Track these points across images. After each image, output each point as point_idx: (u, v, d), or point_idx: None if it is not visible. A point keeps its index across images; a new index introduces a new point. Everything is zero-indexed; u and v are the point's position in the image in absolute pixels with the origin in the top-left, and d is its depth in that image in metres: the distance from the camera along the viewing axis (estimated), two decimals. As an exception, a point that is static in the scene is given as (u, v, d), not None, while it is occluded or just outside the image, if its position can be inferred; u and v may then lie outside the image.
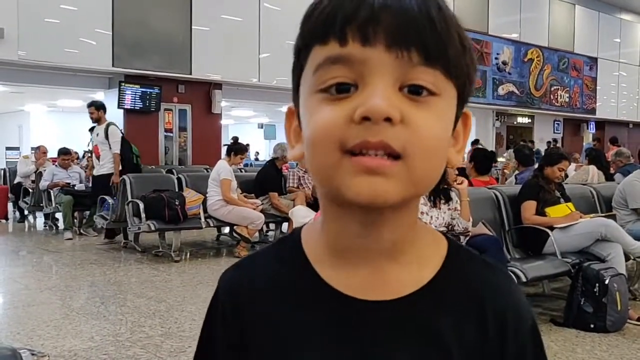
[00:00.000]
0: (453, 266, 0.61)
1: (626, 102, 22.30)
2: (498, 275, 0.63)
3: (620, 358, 3.56)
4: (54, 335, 3.84)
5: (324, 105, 0.53)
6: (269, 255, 0.65)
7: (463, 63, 0.55)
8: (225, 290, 0.64)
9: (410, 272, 0.59)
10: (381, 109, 0.50)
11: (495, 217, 4.69)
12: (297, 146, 0.60)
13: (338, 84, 0.52)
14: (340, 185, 0.52)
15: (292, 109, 0.61)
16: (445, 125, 0.55)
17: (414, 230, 0.60)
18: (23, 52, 9.82)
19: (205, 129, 12.62)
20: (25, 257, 7.04)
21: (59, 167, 8.48)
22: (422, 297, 0.58)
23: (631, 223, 5.15)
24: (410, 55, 0.51)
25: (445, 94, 0.54)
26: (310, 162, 0.55)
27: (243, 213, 6.62)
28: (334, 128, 0.51)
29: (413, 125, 0.51)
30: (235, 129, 22.18)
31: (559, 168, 4.72)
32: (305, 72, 0.56)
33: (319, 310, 0.59)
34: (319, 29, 0.53)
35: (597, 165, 7.16)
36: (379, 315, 0.57)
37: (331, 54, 0.52)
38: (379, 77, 0.51)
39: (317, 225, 0.62)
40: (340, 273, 0.59)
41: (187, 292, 5.06)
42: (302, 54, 0.56)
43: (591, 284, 4.04)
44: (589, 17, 20.29)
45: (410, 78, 0.52)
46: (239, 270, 0.66)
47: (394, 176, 0.51)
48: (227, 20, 12.16)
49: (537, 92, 19.04)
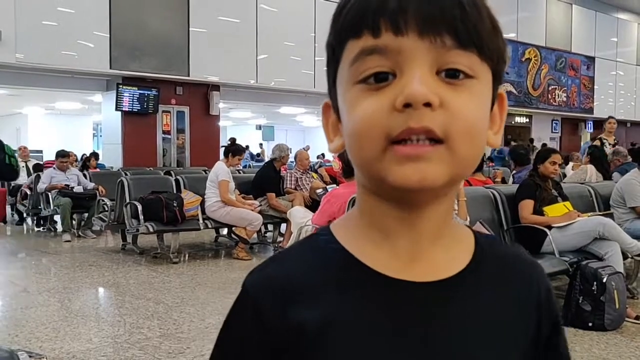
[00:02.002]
0: (484, 247, 0.63)
1: (624, 101, 22.35)
2: (523, 252, 0.67)
3: (618, 356, 3.57)
4: (52, 337, 3.84)
5: (365, 96, 0.54)
6: (303, 251, 0.63)
7: (496, 43, 0.56)
8: (261, 289, 0.59)
9: (452, 254, 0.60)
10: (420, 94, 0.51)
11: (493, 217, 4.69)
12: (336, 139, 0.61)
13: (376, 73, 0.53)
14: (387, 174, 0.53)
15: (328, 103, 0.62)
16: (484, 106, 0.56)
17: (451, 218, 0.61)
18: (21, 54, 9.83)
19: (203, 131, 12.63)
20: (24, 260, 7.04)
21: (57, 170, 8.47)
22: (469, 275, 0.60)
23: (629, 221, 5.16)
24: (443, 40, 0.52)
25: (481, 76, 0.55)
26: (355, 153, 0.55)
27: (241, 214, 6.62)
28: (378, 118, 0.52)
29: (453, 108, 0.52)
30: (234, 131, 22.16)
31: (551, 162, 4.72)
32: (342, 66, 0.56)
33: (371, 297, 0.58)
34: (352, 24, 0.54)
35: (598, 167, 7.15)
36: (432, 296, 0.58)
37: (366, 46, 0.53)
38: (415, 64, 0.52)
39: (351, 217, 0.62)
40: (383, 258, 0.58)
41: (185, 293, 5.06)
42: (336, 50, 0.57)
43: (589, 282, 4.05)
44: (586, 17, 20.34)
45: (446, 62, 0.53)
46: (274, 267, 0.61)
47: (438, 159, 0.52)
48: (225, 22, 12.17)
49: (534, 92, 19.07)
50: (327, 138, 0.62)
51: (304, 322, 0.56)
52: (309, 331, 0.56)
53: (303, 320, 0.57)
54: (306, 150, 9.48)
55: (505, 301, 0.61)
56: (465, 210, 4.04)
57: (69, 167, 8.58)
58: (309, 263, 0.60)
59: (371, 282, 0.58)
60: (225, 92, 12.89)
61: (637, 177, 5.30)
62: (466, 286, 0.60)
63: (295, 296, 0.58)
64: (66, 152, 8.69)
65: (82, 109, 17.58)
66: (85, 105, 16.59)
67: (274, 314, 0.57)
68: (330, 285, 0.58)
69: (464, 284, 0.59)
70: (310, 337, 0.56)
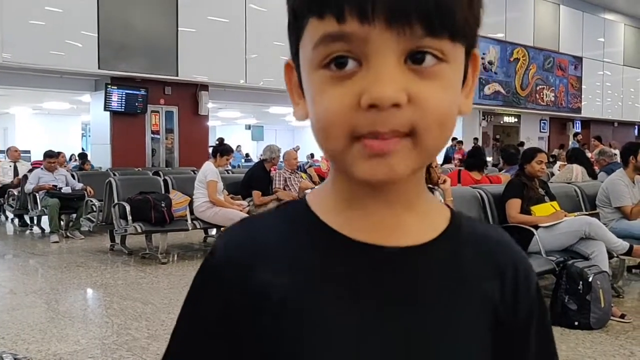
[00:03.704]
0: (460, 220, 0.62)
1: (611, 101, 22.54)
2: (500, 230, 0.66)
3: (603, 354, 3.60)
4: (39, 339, 3.82)
5: (329, 85, 0.51)
6: (275, 217, 0.61)
7: (471, 19, 0.52)
8: (228, 253, 0.58)
9: (425, 221, 0.59)
10: (387, 96, 0.49)
11: (480, 216, 4.71)
12: (302, 103, 0.58)
13: (338, 57, 0.50)
14: (352, 167, 0.52)
15: (290, 63, 0.59)
16: (455, 91, 0.54)
17: (423, 191, 0.60)
18: (8, 54, 9.76)
19: (192, 131, 12.60)
20: (11, 261, 6.99)
21: (45, 170, 8.41)
22: (442, 244, 0.59)
23: (614, 221, 5.21)
24: (412, 30, 0.49)
25: (453, 59, 0.52)
26: (321, 143, 0.54)
27: (229, 215, 6.60)
28: (342, 115, 0.50)
29: (421, 102, 0.50)
30: (223, 131, 22.13)
31: (537, 161, 4.76)
32: (304, 41, 0.53)
33: (338, 260, 0.56)
34: (314, 2, 0.51)
35: (579, 163, 7.25)
36: (402, 260, 0.57)
37: (329, 32, 0.50)
38: (381, 56, 0.49)
39: (324, 188, 0.61)
40: (356, 224, 0.57)
41: (174, 294, 5.05)
42: (298, 18, 0.53)
43: (575, 281, 4.08)
44: (573, 17, 20.49)
45: (415, 48, 0.50)
46: (244, 228, 0.61)
47: (404, 153, 0.51)
48: (214, 22, 12.14)
49: (523, 92, 19.18)
50: (292, 101, 0.59)
51: (271, 285, 0.55)
52: (276, 295, 0.55)
53: (268, 283, 0.55)
54: (296, 150, 9.47)
55: (473, 273, 0.59)
56: (452, 210, 4.06)
57: (57, 167, 8.53)
58: (280, 228, 0.59)
59: (339, 245, 0.57)
60: (214, 92, 12.86)
61: (622, 177, 5.34)
62: (436, 253, 0.58)
63: (261, 260, 0.56)
64: (54, 153, 8.63)
65: (70, 109, 17.49)
66: (73, 105, 16.50)
67: (241, 277, 0.56)
68: (300, 251, 0.57)
69: (434, 251, 0.58)
70: (274, 301, 0.55)
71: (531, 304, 0.62)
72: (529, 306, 0.62)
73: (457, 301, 0.58)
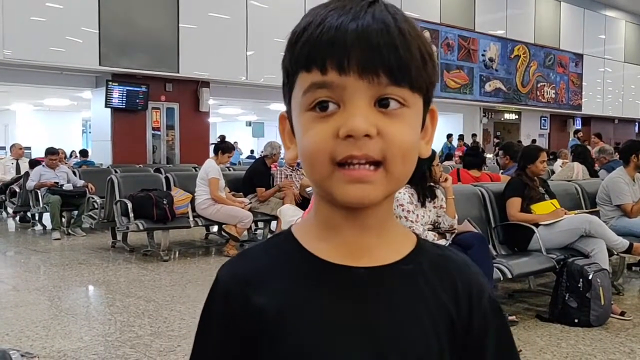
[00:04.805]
0: (424, 247, 0.73)
1: (611, 98, 22.52)
2: (459, 255, 0.76)
3: (603, 352, 3.62)
4: (43, 336, 3.84)
5: (314, 123, 0.63)
6: (265, 247, 0.74)
7: (425, 75, 0.65)
8: (229, 279, 0.71)
9: (391, 248, 0.70)
10: (361, 128, 0.61)
11: (481, 214, 4.73)
12: (292, 147, 0.70)
13: (321, 101, 0.63)
14: (334, 192, 0.64)
15: (284, 114, 0.72)
16: (415, 130, 0.66)
17: (391, 219, 0.71)
18: (8, 51, 9.76)
19: (193, 127, 12.61)
20: (13, 258, 7.02)
21: (46, 167, 8.43)
22: (404, 265, 0.69)
23: (614, 219, 5.23)
24: (379, 79, 0.62)
25: (412, 104, 0.65)
26: (308, 172, 0.66)
27: (231, 212, 6.63)
28: (324, 144, 0.62)
29: (388, 136, 0.62)
30: (224, 127, 22.14)
31: (541, 161, 4.78)
32: (295, 91, 0.66)
33: (320, 282, 0.68)
34: (303, 59, 0.64)
35: (581, 161, 7.26)
36: (369, 278, 0.67)
37: (315, 81, 0.63)
38: (356, 99, 0.62)
39: (308, 218, 0.72)
40: (331, 248, 0.68)
41: (176, 291, 5.08)
42: (290, 75, 0.67)
43: (575, 279, 4.10)
44: (574, 14, 20.46)
45: (382, 95, 0.63)
46: (240, 260, 0.73)
47: (377, 181, 0.63)
48: (215, 18, 12.14)
49: (523, 89, 19.17)
50: (284, 145, 0.72)
51: (263, 309, 0.67)
52: (268, 316, 0.66)
53: (263, 307, 0.67)
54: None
55: (431, 287, 0.69)
56: (453, 208, 4.07)
57: (58, 164, 8.54)
58: (269, 257, 0.71)
59: (320, 269, 0.68)
60: (215, 89, 12.87)
61: (623, 175, 5.36)
62: (400, 273, 0.69)
63: (256, 286, 0.68)
64: (55, 150, 8.65)
65: (71, 105, 17.49)
66: (74, 102, 16.50)
67: (240, 301, 0.68)
68: (285, 275, 0.69)
69: (398, 271, 0.69)
70: (269, 322, 0.66)
71: (485, 320, 0.71)
72: (482, 322, 0.70)
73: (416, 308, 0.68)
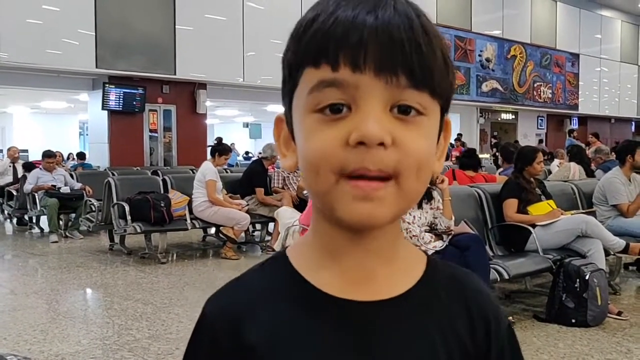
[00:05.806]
0: (435, 272, 0.65)
1: (608, 98, 22.58)
2: (475, 278, 0.68)
3: (600, 352, 3.63)
4: (41, 339, 3.84)
5: (321, 127, 0.55)
6: (257, 275, 0.65)
7: (447, 82, 0.58)
8: (217, 314, 0.63)
9: (398, 276, 0.62)
10: (375, 134, 0.53)
11: (477, 215, 4.74)
12: (289, 155, 0.62)
13: (332, 104, 0.55)
14: (337, 208, 0.55)
15: (281, 117, 0.63)
16: (432, 142, 0.58)
17: (399, 239, 0.63)
18: (5, 53, 9.75)
19: (190, 129, 12.60)
20: (11, 261, 7.01)
21: (43, 170, 8.42)
22: (411, 297, 0.62)
23: (611, 219, 5.24)
24: (398, 80, 0.54)
25: (431, 113, 0.57)
26: (309, 182, 0.57)
27: (229, 214, 6.63)
28: (331, 153, 0.54)
29: (404, 146, 0.54)
30: (221, 129, 22.13)
31: (538, 162, 4.80)
32: (299, 89, 0.57)
33: (315, 316, 0.60)
34: (312, 53, 0.55)
35: (577, 161, 7.28)
36: (372, 314, 0.60)
37: (324, 78, 0.54)
38: (370, 101, 0.54)
39: (305, 240, 0.64)
40: (332, 277, 0.61)
41: (173, 294, 5.08)
42: (293, 71, 0.58)
43: (572, 279, 4.12)
44: (570, 14, 20.51)
45: (399, 99, 0.55)
46: (229, 292, 0.65)
47: (387, 199, 0.55)
48: (211, 20, 12.14)
49: (520, 89, 19.21)
50: (280, 152, 0.64)
51: (254, 347, 0.60)
52: (259, 351, 0.60)
53: (254, 345, 0.60)
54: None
55: (447, 320, 0.62)
56: (450, 209, 4.08)
57: (55, 167, 8.54)
58: (262, 287, 0.63)
59: (316, 302, 0.60)
60: (211, 91, 12.86)
61: (619, 175, 5.38)
62: (412, 302, 0.61)
63: (248, 320, 0.61)
64: (52, 153, 8.64)
65: (68, 108, 17.47)
66: (71, 104, 16.48)
67: (229, 340, 0.61)
68: (280, 309, 0.61)
69: (410, 300, 0.61)
70: (260, 357, 0.59)
71: (503, 352, 0.65)
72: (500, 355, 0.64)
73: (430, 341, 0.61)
